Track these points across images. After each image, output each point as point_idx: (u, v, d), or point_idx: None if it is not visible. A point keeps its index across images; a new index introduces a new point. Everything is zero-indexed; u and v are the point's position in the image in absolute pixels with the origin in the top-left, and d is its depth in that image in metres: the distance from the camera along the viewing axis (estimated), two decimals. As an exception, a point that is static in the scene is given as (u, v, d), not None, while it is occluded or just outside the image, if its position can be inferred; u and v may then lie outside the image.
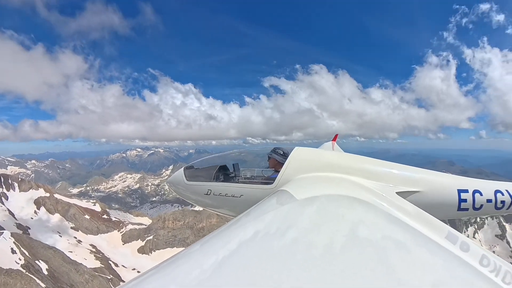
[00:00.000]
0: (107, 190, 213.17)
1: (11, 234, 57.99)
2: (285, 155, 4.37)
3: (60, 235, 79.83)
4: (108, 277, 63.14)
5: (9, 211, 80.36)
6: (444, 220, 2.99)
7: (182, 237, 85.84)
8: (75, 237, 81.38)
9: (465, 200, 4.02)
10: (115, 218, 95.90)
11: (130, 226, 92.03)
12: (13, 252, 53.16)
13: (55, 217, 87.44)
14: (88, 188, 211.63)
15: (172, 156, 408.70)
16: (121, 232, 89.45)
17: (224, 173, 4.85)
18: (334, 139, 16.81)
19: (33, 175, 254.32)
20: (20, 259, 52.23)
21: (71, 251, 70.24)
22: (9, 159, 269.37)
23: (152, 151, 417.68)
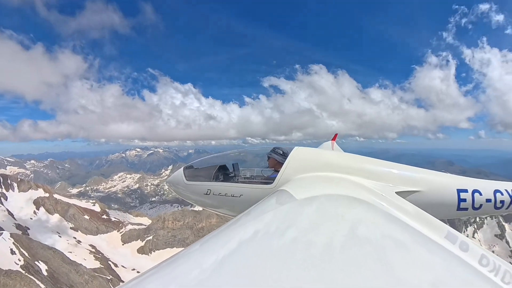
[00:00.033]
0: (107, 190, 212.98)
1: (11, 235, 57.89)
2: (285, 155, 4.37)
3: (60, 236, 79.75)
4: (108, 278, 63.08)
5: (9, 212, 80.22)
6: (444, 220, 2.98)
7: (182, 237, 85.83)
8: (75, 238, 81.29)
9: (465, 200, 4.03)
10: (115, 218, 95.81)
11: (130, 226, 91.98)
12: (13, 253, 53.09)
13: (55, 218, 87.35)
14: (88, 188, 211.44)
15: (172, 156, 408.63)
16: (121, 233, 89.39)
17: (224, 173, 4.85)
18: (334, 139, 16.78)
19: (32, 175, 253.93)
20: (20, 260, 52.13)
21: (71, 252, 70.17)
22: (8, 159, 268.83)
23: (152, 151, 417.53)
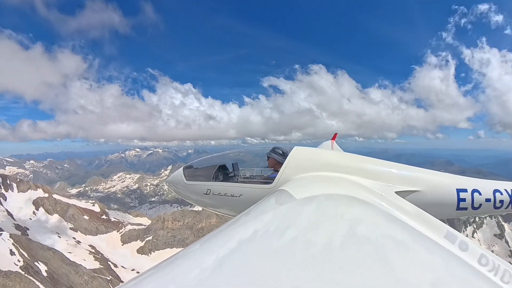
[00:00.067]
0: (106, 190, 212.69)
1: (10, 235, 57.69)
2: (284, 155, 4.38)
3: (59, 236, 79.57)
4: (108, 278, 62.96)
5: (8, 212, 79.93)
6: (443, 220, 2.99)
7: (182, 238, 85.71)
8: (74, 238, 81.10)
9: (464, 200, 4.04)
10: (114, 219, 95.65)
11: (129, 227, 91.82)
12: (12, 254, 52.89)
13: (54, 218, 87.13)
14: (87, 189, 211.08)
15: (171, 156, 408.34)
16: (120, 233, 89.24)
17: (224, 173, 4.85)
18: (334, 138, 16.75)
19: (32, 176, 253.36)
20: (19, 261, 51.94)
21: (70, 252, 70.00)
22: (8, 159, 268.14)
23: (151, 151, 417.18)
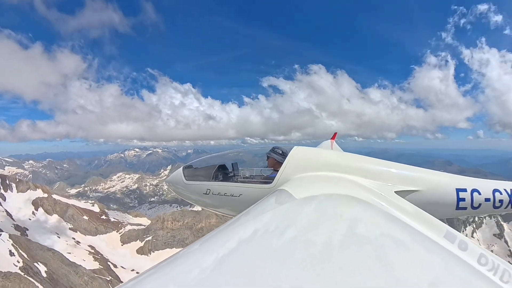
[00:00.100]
0: (105, 191, 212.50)
1: (9, 236, 57.55)
2: (284, 155, 4.39)
3: (59, 236, 79.42)
4: (107, 279, 62.88)
5: (7, 212, 79.79)
6: (443, 219, 2.99)
7: (181, 238, 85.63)
8: (74, 238, 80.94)
9: (464, 199, 4.04)
10: (114, 219, 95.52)
11: (129, 227, 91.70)
12: (12, 255, 52.71)
13: (53, 218, 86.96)
14: (86, 189, 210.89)
15: (171, 156, 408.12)
16: (120, 233, 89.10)
17: (223, 173, 4.85)
18: (333, 138, 16.70)
19: (31, 176, 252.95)
20: (19, 262, 51.76)
21: (70, 252, 69.86)
22: (7, 160, 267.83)
23: (151, 151, 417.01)
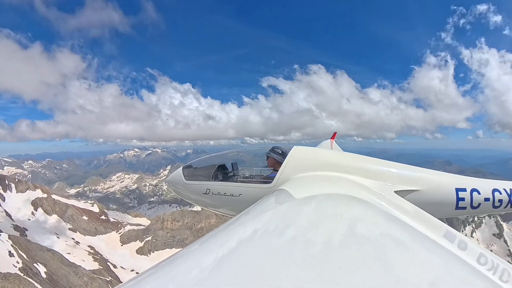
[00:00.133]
0: (105, 191, 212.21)
1: (9, 237, 57.37)
2: (284, 154, 4.39)
3: (58, 237, 79.26)
4: (107, 279, 62.79)
5: (6, 213, 79.56)
6: (442, 219, 3.00)
7: (181, 238, 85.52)
8: (73, 239, 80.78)
9: (463, 199, 4.05)
10: (113, 219, 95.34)
11: (129, 227, 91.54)
12: (11, 255, 52.52)
13: (53, 218, 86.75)
14: (86, 189, 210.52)
15: (170, 156, 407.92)
16: (120, 233, 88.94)
17: (223, 172, 4.85)
18: (333, 137, 16.70)
19: (30, 176, 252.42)
20: (18, 262, 51.54)
21: (69, 253, 69.70)
22: (6, 160, 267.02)
23: (150, 151, 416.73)
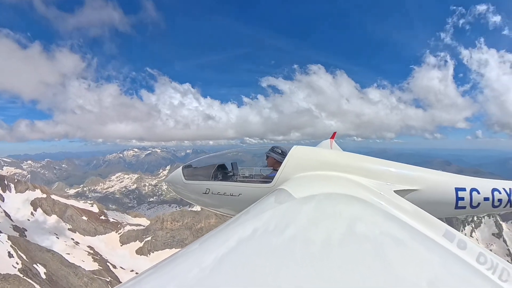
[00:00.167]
0: (104, 191, 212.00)
1: (8, 237, 57.18)
2: (284, 154, 4.39)
3: (57, 237, 79.08)
4: (107, 279, 62.69)
5: (6, 213, 79.36)
6: (442, 218, 3.00)
7: (181, 238, 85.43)
8: (73, 239, 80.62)
9: (463, 199, 4.05)
10: (113, 219, 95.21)
11: (128, 227, 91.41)
12: (10, 256, 52.33)
13: (52, 219, 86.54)
14: (85, 189, 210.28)
15: (170, 156, 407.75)
16: (119, 233, 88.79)
17: (223, 172, 4.85)
18: (333, 137, 16.69)
19: (29, 176, 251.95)
20: (18, 263, 51.33)
21: (69, 253, 69.54)
22: (5, 160, 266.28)
23: (149, 151, 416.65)
